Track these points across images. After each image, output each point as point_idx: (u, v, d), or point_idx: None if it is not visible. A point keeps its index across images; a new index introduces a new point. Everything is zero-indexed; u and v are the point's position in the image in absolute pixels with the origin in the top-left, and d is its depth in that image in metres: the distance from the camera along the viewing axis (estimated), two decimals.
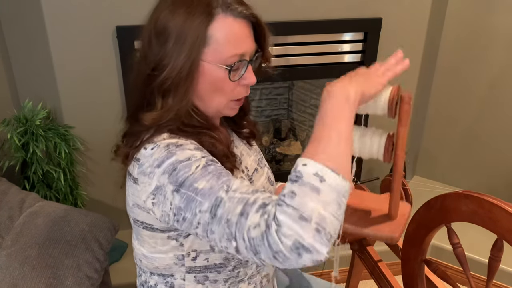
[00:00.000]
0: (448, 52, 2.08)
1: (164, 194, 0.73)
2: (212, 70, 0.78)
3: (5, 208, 1.32)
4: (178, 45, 0.75)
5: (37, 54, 1.67)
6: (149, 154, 0.76)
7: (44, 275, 1.16)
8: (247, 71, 0.81)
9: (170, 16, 0.76)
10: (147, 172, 0.75)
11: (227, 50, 0.77)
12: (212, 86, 0.80)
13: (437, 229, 1.01)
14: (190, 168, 0.71)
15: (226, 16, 0.77)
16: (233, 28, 0.78)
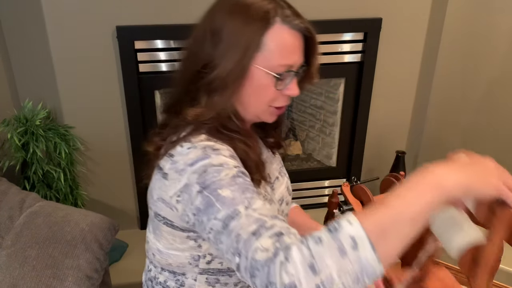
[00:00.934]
0: (448, 52, 2.08)
1: (189, 193, 0.74)
2: (260, 75, 0.79)
3: (5, 208, 1.32)
4: (232, 47, 0.77)
5: (37, 54, 1.67)
6: (185, 153, 0.77)
7: (44, 275, 1.17)
8: (292, 82, 0.82)
9: (227, 17, 0.78)
10: (179, 169, 0.76)
11: (277, 59, 0.78)
12: (256, 91, 0.81)
13: None
14: (219, 173, 0.72)
15: (283, 26, 0.79)
16: (287, 38, 0.79)
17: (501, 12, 1.92)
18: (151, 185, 0.85)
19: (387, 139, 2.10)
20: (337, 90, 2.00)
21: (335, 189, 1.22)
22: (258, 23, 0.77)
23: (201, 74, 0.79)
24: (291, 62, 0.80)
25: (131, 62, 1.68)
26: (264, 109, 0.84)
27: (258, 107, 0.84)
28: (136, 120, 1.78)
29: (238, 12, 0.78)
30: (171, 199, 0.78)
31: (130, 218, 1.98)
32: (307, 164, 2.23)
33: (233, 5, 0.79)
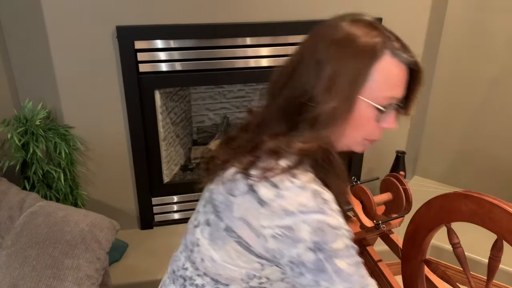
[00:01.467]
0: (448, 52, 2.08)
1: (293, 239, 0.73)
2: (364, 107, 0.78)
3: (5, 208, 1.32)
4: (340, 82, 0.75)
5: (37, 54, 1.67)
6: (295, 192, 0.74)
7: (44, 275, 1.17)
8: (391, 116, 0.81)
9: (334, 49, 0.77)
10: (287, 209, 0.74)
11: (383, 91, 0.77)
12: (357, 123, 0.79)
13: (437, 229, 1.01)
14: (336, 240, 0.73)
15: (392, 59, 0.78)
16: (395, 71, 0.78)
17: (501, 12, 1.92)
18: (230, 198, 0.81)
19: (387, 139, 2.09)
20: None
21: None
22: (367, 56, 0.76)
23: (305, 107, 0.77)
24: (396, 95, 0.79)
25: (131, 62, 1.68)
26: (359, 141, 0.83)
27: (354, 139, 0.82)
28: (136, 120, 1.78)
29: (345, 45, 0.77)
30: (262, 228, 0.76)
31: (130, 218, 1.98)
32: None
33: (340, 37, 0.78)
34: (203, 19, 1.68)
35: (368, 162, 2.13)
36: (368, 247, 1.28)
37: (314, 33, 0.82)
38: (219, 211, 0.83)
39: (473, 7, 1.97)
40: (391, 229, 1.24)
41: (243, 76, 1.84)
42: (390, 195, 1.17)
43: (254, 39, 1.76)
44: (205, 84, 2.05)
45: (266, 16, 1.73)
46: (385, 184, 1.19)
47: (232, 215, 0.80)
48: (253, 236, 0.78)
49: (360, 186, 1.18)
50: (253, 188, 0.77)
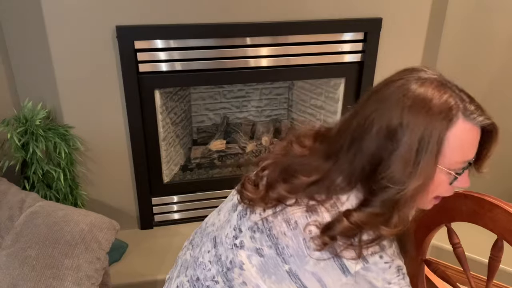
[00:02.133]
0: (448, 52, 2.08)
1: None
2: (438, 174, 0.75)
3: (5, 208, 1.32)
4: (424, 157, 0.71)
5: (37, 54, 1.67)
6: (382, 268, 0.76)
7: (44, 275, 1.16)
8: (464, 174, 0.80)
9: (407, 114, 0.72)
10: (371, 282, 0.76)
11: (457, 156, 0.75)
12: (432, 188, 0.77)
13: (437, 229, 1.01)
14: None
15: (465, 123, 0.73)
16: (469, 136, 0.75)
17: (501, 12, 1.92)
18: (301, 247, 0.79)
19: None
20: (337, 90, 2.00)
21: None
22: (443, 122, 0.71)
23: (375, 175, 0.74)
24: (469, 159, 0.77)
25: (131, 62, 1.68)
26: (430, 201, 0.82)
27: (426, 200, 0.81)
28: (136, 120, 1.78)
29: (419, 111, 0.71)
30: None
31: (130, 218, 1.98)
32: None
33: (413, 101, 0.72)
34: (203, 19, 1.68)
35: None
36: None
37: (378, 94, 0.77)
38: (284, 253, 0.81)
39: (473, 7, 1.96)
40: None
41: (243, 76, 1.84)
42: None
43: (254, 39, 1.76)
44: (205, 84, 2.05)
45: (266, 16, 1.73)
46: None
47: (303, 267, 0.78)
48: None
49: None
50: (339, 255, 0.76)
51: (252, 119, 2.42)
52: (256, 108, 2.41)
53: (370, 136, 0.74)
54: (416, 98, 0.72)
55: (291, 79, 2.23)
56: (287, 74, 1.89)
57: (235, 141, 2.29)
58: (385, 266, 0.76)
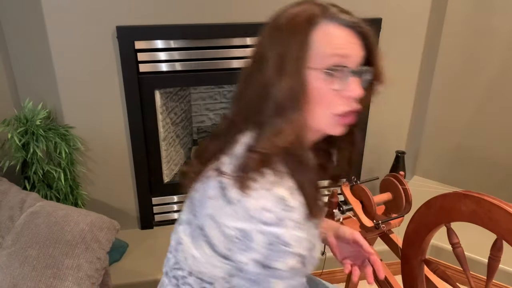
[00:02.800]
0: (448, 52, 2.08)
1: (246, 246, 0.74)
2: (315, 77, 0.74)
3: (5, 208, 1.32)
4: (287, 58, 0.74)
5: (37, 54, 1.67)
6: (260, 195, 0.73)
7: (44, 275, 1.17)
8: (352, 82, 0.76)
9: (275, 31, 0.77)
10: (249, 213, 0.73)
11: (326, 50, 0.74)
12: (316, 97, 0.75)
13: (437, 229, 1.01)
14: (285, 261, 0.73)
15: (329, 23, 0.76)
16: (335, 31, 0.75)
17: (501, 12, 1.92)
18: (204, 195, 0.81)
19: (387, 139, 2.10)
20: None
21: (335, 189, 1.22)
22: (304, 26, 0.74)
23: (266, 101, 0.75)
24: (343, 52, 0.74)
25: (131, 62, 1.68)
26: (330, 120, 0.78)
27: (323, 118, 0.77)
28: (136, 120, 1.78)
29: (282, 25, 0.76)
30: (226, 228, 0.76)
31: (130, 218, 1.98)
32: None
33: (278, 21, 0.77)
34: (203, 19, 1.68)
35: (368, 162, 2.13)
36: None
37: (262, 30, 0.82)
38: (196, 209, 0.83)
39: (473, 7, 1.97)
40: (391, 229, 1.24)
41: None
42: (390, 195, 1.17)
43: (254, 39, 1.76)
44: (205, 84, 2.05)
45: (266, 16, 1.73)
46: (385, 184, 1.19)
47: (203, 212, 0.80)
48: (218, 234, 0.78)
49: (360, 186, 1.18)
50: (224, 186, 0.77)
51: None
52: None
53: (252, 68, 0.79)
54: (283, 16, 0.77)
55: None
56: None
57: None
58: (263, 193, 0.73)
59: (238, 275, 0.79)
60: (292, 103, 0.74)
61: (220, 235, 0.77)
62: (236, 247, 0.75)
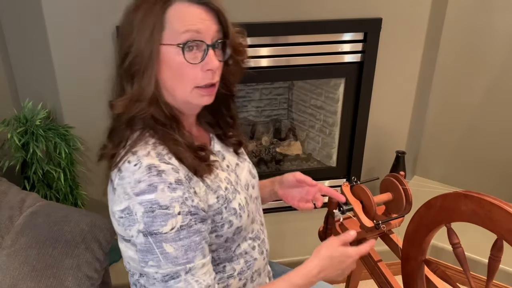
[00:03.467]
0: (448, 52, 2.08)
1: (130, 221, 0.79)
2: (170, 53, 0.80)
3: (5, 208, 1.32)
4: (140, 32, 0.80)
5: (37, 54, 1.67)
6: (132, 170, 0.78)
7: (44, 275, 1.17)
8: (208, 55, 0.82)
9: (134, 9, 0.82)
10: (126, 191, 0.79)
11: (179, 27, 0.80)
12: (173, 72, 0.82)
13: (437, 229, 1.01)
14: (166, 223, 0.77)
15: (182, 3, 0.81)
16: (187, 9, 0.81)
17: (501, 12, 1.92)
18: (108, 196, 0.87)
19: (387, 139, 2.10)
20: (337, 90, 2.00)
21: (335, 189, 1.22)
22: (159, 4, 0.79)
23: (121, 66, 0.84)
24: (196, 28, 0.80)
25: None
26: (190, 92, 0.84)
27: (183, 90, 0.84)
28: None
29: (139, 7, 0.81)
30: (116, 215, 0.82)
31: None
32: (307, 164, 2.23)
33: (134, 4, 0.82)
34: None
35: (368, 162, 2.13)
36: None
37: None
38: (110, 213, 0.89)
39: (473, 7, 1.97)
40: (391, 229, 1.24)
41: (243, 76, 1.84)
42: (390, 195, 1.17)
43: (254, 39, 1.76)
44: None
45: (266, 16, 1.73)
46: (385, 184, 1.19)
47: (111, 211, 0.85)
48: (117, 225, 0.84)
49: (360, 186, 1.18)
50: (111, 179, 0.83)
51: (252, 119, 2.42)
52: (256, 108, 2.42)
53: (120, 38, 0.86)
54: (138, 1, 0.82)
55: (291, 79, 2.23)
56: (287, 74, 1.89)
57: None
58: (134, 169, 0.78)
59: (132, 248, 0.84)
60: (139, 70, 0.81)
61: (117, 225, 0.83)
62: (125, 226, 0.80)
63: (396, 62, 1.93)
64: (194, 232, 0.80)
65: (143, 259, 0.80)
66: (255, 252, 0.98)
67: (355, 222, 1.24)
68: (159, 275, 0.79)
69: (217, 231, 0.87)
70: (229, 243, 0.92)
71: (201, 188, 0.84)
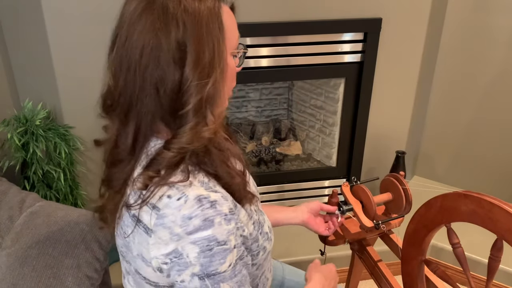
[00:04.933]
0: (448, 52, 2.08)
1: (180, 265, 0.68)
2: (229, 59, 0.74)
3: (5, 208, 1.32)
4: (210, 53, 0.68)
5: (37, 54, 1.67)
6: (176, 206, 0.67)
7: (44, 275, 1.17)
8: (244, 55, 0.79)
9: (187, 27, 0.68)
10: (173, 232, 0.67)
11: (234, 32, 0.74)
12: (229, 79, 0.75)
13: (437, 229, 1.01)
14: (225, 260, 0.68)
15: (225, 6, 0.73)
16: (230, 13, 0.74)
17: (501, 12, 1.92)
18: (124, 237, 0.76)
19: (387, 139, 2.10)
20: (337, 90, 2.00)
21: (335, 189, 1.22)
22: (214, 18, 0.68)
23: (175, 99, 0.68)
24: (238, 32, 0.76)
25: None
26: (227, 94, 0.77)
27: (225, 93, 0.75)
28: None
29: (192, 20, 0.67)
30: (154, 260, 0.70)
31: None
32: (307, 164, 2.23)
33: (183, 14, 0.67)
34: None
35: (368, 162, 2.13)
36: (368, 247, 1.28)
37: (138, 21, 0.72)
38: (124, 256, 0.78)
39: (473, 7, 1.97)
40: (391, 229, 1.24)
41: (243, 76, 1.84)
42: (390, 195, 1.17)
43: (254, 39, 1.76)
44: None
45: (266, 16, 1.73)
46: (385, 184, 1.19)
47: (133, 255, 0.74)
48: (151, 271, 0.72)
49: (360, 186, 1.18)
50: (138, 218, 0.70)
51: (252, 119, 2.42)
52: (256, 108, 2.42)
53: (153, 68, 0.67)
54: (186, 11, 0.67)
55: (291, 79, 2.23)
56: (287, 74, 1.89)
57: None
58: (178, 204, 0.66)
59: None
60: (215, 98, 0.69)
61: (152, 271, 0.71)
62: (172, 272, 0.69)
63: (396, 62, 1.93)
64: (244, 265, 0.73)
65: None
66: (270, 274, 0.94)
67: (355, 222, 1.24)
68: None
69: (253, 259, 0.80)
70: (258, 271, 0.84)
71: (244, 215, 0.76)
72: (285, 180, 2.12)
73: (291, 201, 2.13)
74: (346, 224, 1.26)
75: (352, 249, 1.33)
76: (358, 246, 1.31)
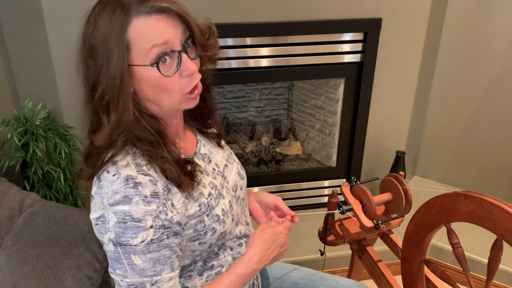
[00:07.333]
0: (448, 52, 2.08)
1: (103, 229, 0.80)
2: (145, 72, 0.78)
3: (5, 208, 1.32)
4: (105, 60, 0.76)
5: (37, 54, 1.67)
6: (110, 181, 0.79)
7: (44, 275, 1.17)
8: (182, 62, 0.79)
9: (92, 34, 0.79)
10: (102, 199, 0.80)
11: (145, 44, 0.76)
12: (155, 88, 0.80)
13: (437, 229, 1.01)
14: (136, 236, 0.78)
15: (139, 17, 0.76)
16: (147, 23, 0.76)
17: (501, 12, 1.92)
18: None
19: (387, 139, 2.10)
20: (337, 90, 2.00)
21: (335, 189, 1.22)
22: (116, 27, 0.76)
23: (92, 97, 0.81)
24: (162, 40, 0.76)
25: None
26: (179, 100, 0.82)
27: (171, 101, 0.82)
28: None
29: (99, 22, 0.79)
30: (92, 222, 0.83)
31: None
32: (306, 164, 2.23)
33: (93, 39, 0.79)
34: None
35: (368, 162, 2.13)
36: (368, 247, 1.28)
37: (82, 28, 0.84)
38: None
39: (473, 7, 1.97)
40: (391, 229, 1.24)
41: (243, 76, 1.84)
42: (390, 195, 1.17)
43: (254, 39, 1.76)
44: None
45: (266, 16, 1.73)
46: (385, 184, 1.19)
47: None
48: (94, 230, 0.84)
49: (360, 186, 1.18)
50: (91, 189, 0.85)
51: (252, 119, 2.42)
52: (256, 108, 2.42)
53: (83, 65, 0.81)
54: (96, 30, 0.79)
55: (291, 80, 2.23)
56: (287, 74, 1.89)
57: (235, 141, 2.29)
58: (112, 179, 0.79)
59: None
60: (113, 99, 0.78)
61: (95, 231, 0.84)
62: (98, 232, 0.82)
63: (396, 62, 1.93)
64: (164, 246, 0.81)
65: (112, 266, 0.83)
66: (242, 248, 1.00)
67: (355, 222, 1.24)
68: (124, 283, 0.81)
69: (199, 239, 0.88)
70: (213, 247, 0.93)
71: (179, 199, 0.84)
72: (285, 180, 2.12)
73: (291, 201, 2.14)
74: (346, 224, 1.26)
75: (352, 249, 1.33)
76: (358, 246, 1.31)
